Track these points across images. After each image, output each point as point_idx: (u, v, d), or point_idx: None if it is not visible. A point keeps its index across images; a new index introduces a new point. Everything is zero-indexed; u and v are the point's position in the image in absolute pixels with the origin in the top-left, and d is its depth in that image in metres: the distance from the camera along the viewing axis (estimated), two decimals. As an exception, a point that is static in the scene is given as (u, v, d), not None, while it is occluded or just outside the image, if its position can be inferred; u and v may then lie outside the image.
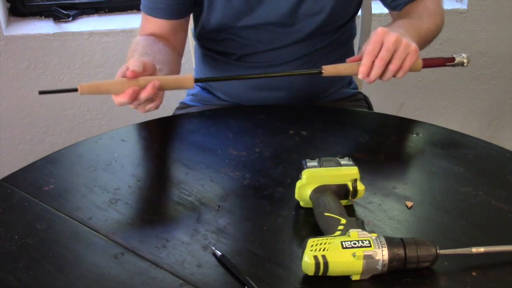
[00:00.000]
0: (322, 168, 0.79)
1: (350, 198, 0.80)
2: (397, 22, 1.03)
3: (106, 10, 1.81)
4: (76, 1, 1.80)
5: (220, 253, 0.73)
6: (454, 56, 1.00)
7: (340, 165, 0.80)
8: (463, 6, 1.82)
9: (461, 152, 0.92)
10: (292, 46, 1.12)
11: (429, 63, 0.98)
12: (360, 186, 0.79)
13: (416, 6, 1.11)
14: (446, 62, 1.00)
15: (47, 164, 0.92)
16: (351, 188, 0.79)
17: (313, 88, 1.17)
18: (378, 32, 0.90)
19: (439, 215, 0.80)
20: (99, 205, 0.83)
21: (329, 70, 0.94)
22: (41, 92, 0.85)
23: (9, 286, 0.70)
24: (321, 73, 0.94)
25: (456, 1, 1.85)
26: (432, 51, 1.87)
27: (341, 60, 1.19)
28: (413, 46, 0.91)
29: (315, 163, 0.80)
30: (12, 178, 0.89)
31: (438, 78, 1.93)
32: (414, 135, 0.98)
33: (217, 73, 1.20)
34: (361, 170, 0.87)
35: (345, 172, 0.79)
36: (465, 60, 1.00)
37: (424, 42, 1.04)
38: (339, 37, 1.16)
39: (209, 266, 0.72)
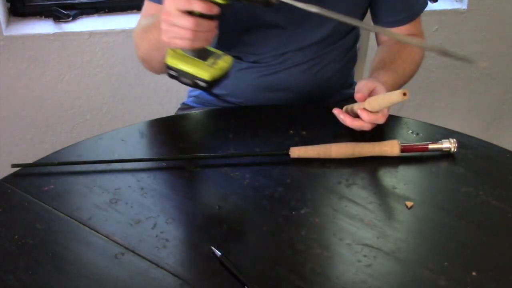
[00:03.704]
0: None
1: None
2: (379, 74, 1.04)
3: (106, 10, 1.81)
4: (76, 1, 1.79)
5: (220, 253, 0.73)
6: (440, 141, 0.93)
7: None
8: (463, 6, 1.82)
9: (461, 152, 0.92)
10: (300, 51, 1.12)
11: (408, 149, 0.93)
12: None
13: (403, 48, 1.12)
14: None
15: (47, 164, 0.92)
16: None
17: (320, 89, 1.17)
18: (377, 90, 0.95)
19: (439, 215, 0.81)
20: (99, 205, 0.83)
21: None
22: None
23: (9, 286, 0.70)
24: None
25: (456, 1, 1.85)
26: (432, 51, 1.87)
27: (347, 64, 1.20)
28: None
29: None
30: (12, 178, 0.89)
31: (438, 78, 1.93)
32: (414, 135, 0.98)
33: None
34: (361, 170, 0.87)
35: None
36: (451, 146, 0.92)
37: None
38: (345, 42, 1.16)
39: (209, 266, 0.72)
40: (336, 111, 0.98)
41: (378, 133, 1.00)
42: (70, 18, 1.74)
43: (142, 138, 1.00)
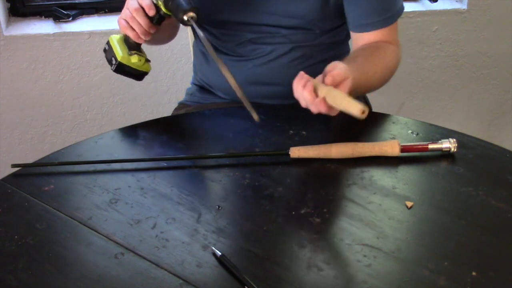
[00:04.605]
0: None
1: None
2: (352, 68, 0.97)
3: (106, 10, 1.81)
4: (76, 1, 1.79)
5: (220, 253, 0.73)
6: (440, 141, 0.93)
7: None
8: (463, 6, 1.82)
9: (461, 152, 0.92)
10: (283, 38, 1.13)
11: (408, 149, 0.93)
12: None
13: (378, 52, 1.08)
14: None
15: (47, 164, 0.92)
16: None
17: None
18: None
19: (439, 215, 0.81)
20: (99, 205, 0.83)
21: None
22: None
23: (9, 286, 0.70)
24: None
25: (456, 1, 1.85)
26: (432, 51, 1.88)
27: (337, 57, 1.19)
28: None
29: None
30: (12, 178, 0.89)
31: (438, 78, 1.93)
32: (414, 135, 0.98)
33: (211, 68, 1.21)
34: (361, 170, 0.87)
35: None
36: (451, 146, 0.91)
37: (362, 92, 1.05)
38: (332, 37, 1.16)
39: (209, 266, 0.72)
40: (302, 78, 0.92)
41: (378, 133, 1.00)
42: (70, 18, 1.75)
43: (142, 138, 1.00)
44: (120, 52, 1.03)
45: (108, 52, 1.06)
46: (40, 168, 0.91)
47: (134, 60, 1.04)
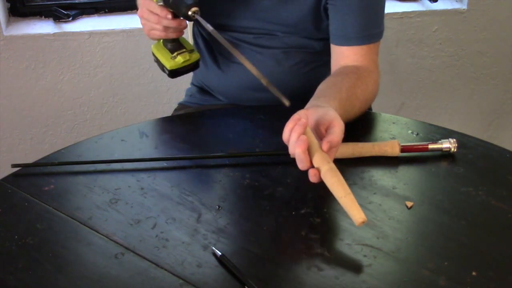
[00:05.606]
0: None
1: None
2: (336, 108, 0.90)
3: (106, 10, 1.81)
4: (76, 1, 1.79)
5: (220, 253, 0.73)
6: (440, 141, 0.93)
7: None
8: (463, 6, 1.82)
9: (461, 152, 0.92)
10: (281, 43, 1.13)
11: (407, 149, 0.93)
12: None
13: (360, 81, 1.01)
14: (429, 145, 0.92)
15: (47, 164, 0.92)
16: None
17: (310, 89, 1.17)
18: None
19: (439, 215, 0.81)
20: (99, 205, 0.83)
21: None
22: None
23: (9, 286, 0.70)
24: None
25: (456, 1, 1.85)
26: (432, 51, 1.88)
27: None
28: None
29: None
30: (12, 178, 0.89)
31: (438, 78, 1.93)
32: (414, 135, 0.98)
33: (209, 72, 1.21)
34: (361, 170, 0.87)
35: None
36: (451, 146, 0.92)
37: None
38: (329, 43, 1.14)
39: (209, 266, 0.72)
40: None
41: (378, 133, 1.00)
42: (70, 18, 1.75)
43: (142, 138, 1.00)
44: (167, 62, 1.07)
45: (158, 63, 1.10)
46: (40, 168, 0.91)
47: (180, 61, 1.06)
